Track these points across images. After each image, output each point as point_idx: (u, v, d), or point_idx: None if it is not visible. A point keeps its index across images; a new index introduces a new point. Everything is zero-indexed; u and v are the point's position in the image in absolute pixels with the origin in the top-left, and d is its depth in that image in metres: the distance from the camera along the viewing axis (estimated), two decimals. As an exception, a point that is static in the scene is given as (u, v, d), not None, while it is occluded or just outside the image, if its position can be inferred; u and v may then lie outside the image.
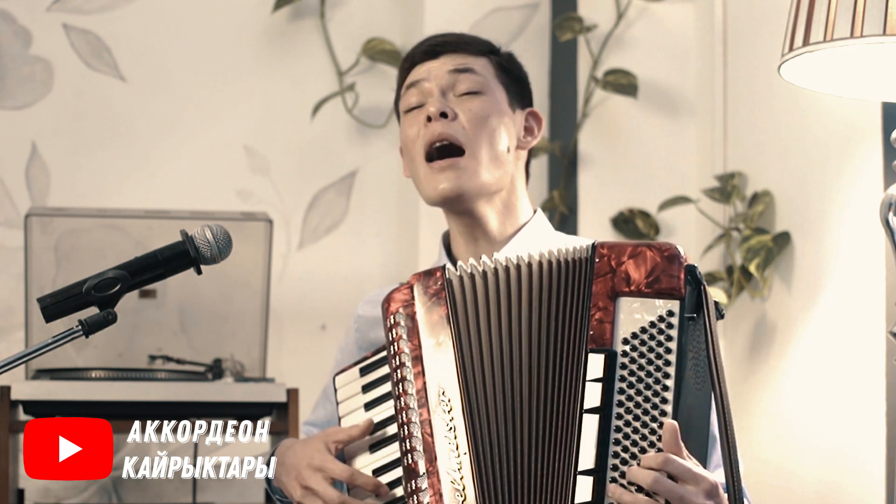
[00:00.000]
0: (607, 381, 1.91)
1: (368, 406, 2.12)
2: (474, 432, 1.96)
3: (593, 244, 1.99)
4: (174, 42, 3.73)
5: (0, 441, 3.08)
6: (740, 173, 3.30)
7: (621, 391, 1.91)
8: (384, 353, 2.09)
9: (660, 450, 1.88)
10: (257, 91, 3.75)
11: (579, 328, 1.96)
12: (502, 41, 3.69)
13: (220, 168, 3.73)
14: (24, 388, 3.10)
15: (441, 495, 1.94)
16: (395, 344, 2.05)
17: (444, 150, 2.31)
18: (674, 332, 1.92)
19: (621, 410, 1.90)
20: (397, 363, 2.03)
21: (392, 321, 2.06)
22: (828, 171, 2.95)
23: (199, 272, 1.95)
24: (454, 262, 2.36)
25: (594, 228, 3.52)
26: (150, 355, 3.30)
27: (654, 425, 1.89)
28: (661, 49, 3.60)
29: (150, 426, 3.27)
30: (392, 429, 2.05)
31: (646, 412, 1.90)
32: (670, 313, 1.92)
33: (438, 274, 2.06)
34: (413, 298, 2.06)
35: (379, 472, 2.06)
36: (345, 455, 2.11)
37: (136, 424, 3.21)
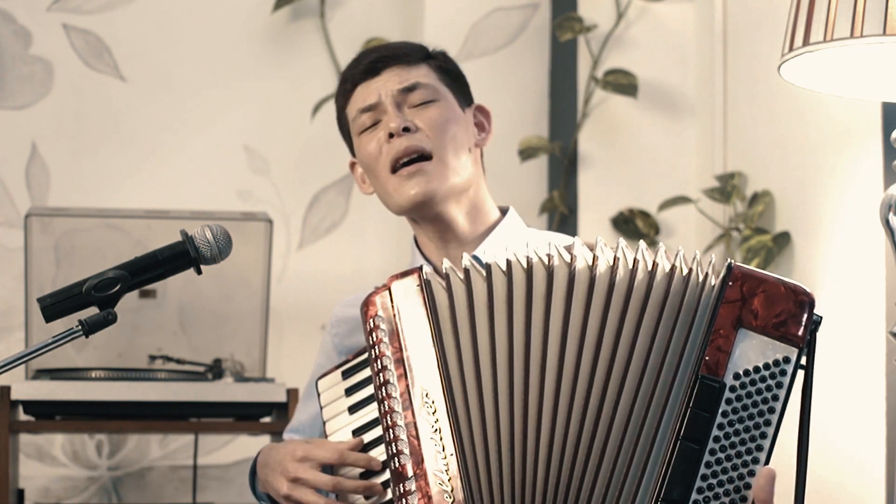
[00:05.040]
0: (712, 412, 1.87)
1: (352, 409, 2.11)
2: (459, 433, 1.94)
3: (729, 265, 1.93)
4: (174, 42, 3.73)
5: (0, 441, 3.08)
6: (740, 173, 3.30)
7: (720, 426, 1.86)
8: (366, 356, 2.08)
9: (743, 498, 1.85)
10: (257, 91, 3.75)
11: (693, 349, 1.90)
12: (502, 41, 3.74)
13: (220, 168, 3.73)
14: (24, 388, 3.11)
15: (430, 497, 1.92)
16: (377, 347, 2.03)
17: (410, 159, 2.33)
18: (785, 380, 1.87)
19: (715, 446, 1.86)
20: (379, 367, 2.01)
21: (372, 324, 2.04)
22: (828, 171, 2.95)
23: (199, 272, 1.95)
24: (431, 264, 2.37)
25: (594, 228, 3.52)
26: (150, 355, 3.30)
27: (744, 470, 1.86)
28: (661, 49, 3.60)
29: (150, 426, 3.28)
30: (377, 431, 2.04)
31: (739, 454, 1.86)
32: (786, 360, 1.88)
33: (416, 274, 2.04)
34: (392, 301, 2.04)
35: (366, 476, 2.06)
36: (333, 468, 2.10)
37: (136, 424, 3.24)
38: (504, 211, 2.44)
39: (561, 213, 3.59)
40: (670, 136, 3.59)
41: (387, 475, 2.01)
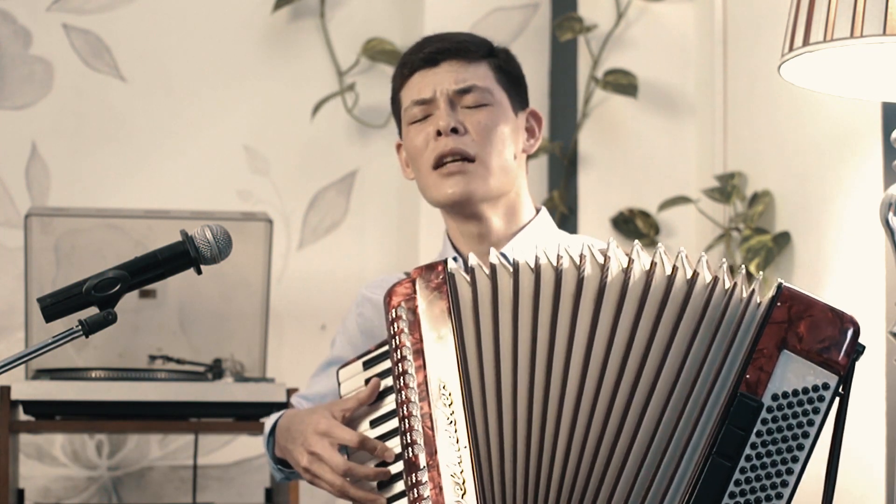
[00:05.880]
0: (747, 431, 1.86)
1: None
2: (474, 426, 1.95)
3: (779, 285, 1.93)
4: (174, 42, 3.73)
5: (0, 441, 3.08)
6: (740, 173, 3.30)
7: (753, 446, 1.86)
8: (387, 347, 2.09)
9: None
10: (257, 91, 3.75)
11: (733, 366, 1.90)
12: (502, 41, 3.71)
13: (220, 168, 3.73)
14: (24, 388, 3.10)
15: (441, 489, 1.93)
16: (397, 338, 2.04)
17: (454, 159, 2.34)
18: (822, 405, 1.87)
19: (746, 465, 1.86)
20: (398, 357, 2.03)
21: (394, 315, 2.06)
22: (828, 171, 2.95)
23: (199, 272, 1.95)
24: (461, 256, 2.38)
25: (594, 228, 3.52)
26: (150, 355, 3.30)
27: (772, 492, 1.86)
28: (661, 49, 3.60)
29: (150, 426, 3.28)
30: (395, 422, 2.05)
31: (769, 475, 1.86)
32: (826, 386, 1.88)
33: (440, 268, 2.06)
34: (415, 292, 2.06)
35: (381, 466, 2.07)
36: (348, 449, 2.12)
37: (136, 424, 3.24)
38: (538, 211, 2.45)
39: (561, 213, 3.59)
40: (670, 136, 3.59)
41: (400, 466, 2.02)
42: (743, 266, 2.04)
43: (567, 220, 3.59)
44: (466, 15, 3.68)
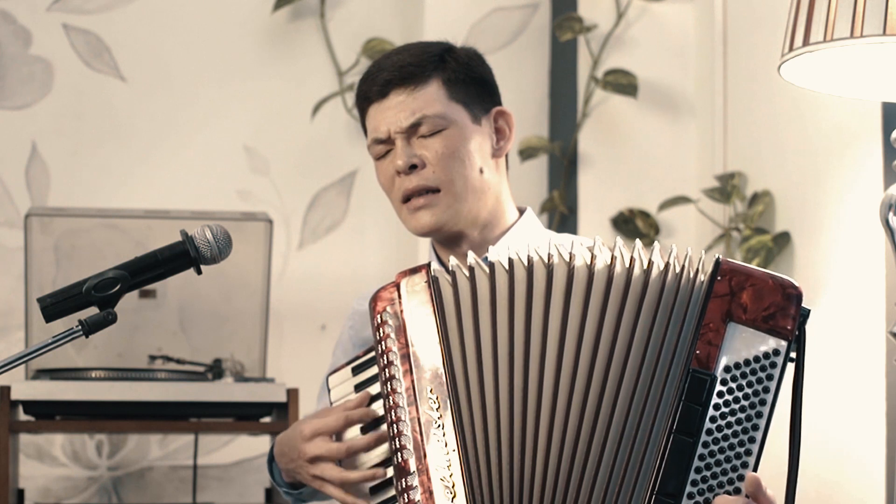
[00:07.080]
0: (704, 405, 1.88)
1: None
2: (462, 429, 1.96)
3: (717, 259, 1.95)
4: (174, 42, 3.73)
5: (0, 441, 3.08)
6: (740, 173, 3.30)
7: (712, 419, 1.88)
8: (374, 353, 2.10)
9: (737, 490, 1.87)
10: (257, 91, 3.75)
11: (684, 344, 1.92)
12: (502, 41, 3.74)
13: (220, 168, 3.73)
14: (24, 388, 3.10)
15: (431, 493, 1.94)
16: (383, 343, 2.05)
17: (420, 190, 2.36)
18: (775, 372, 1.89)
19: (708, 439, 1.88)
20: (385, 362, 2.04)
21: (379, 320, 2.06)
22: (828, 172, 2.95)
23: (199, 272, 1.95)
24: (443, 263, 2.39)
25: (594, 228, 3.52)
26: (150, 355, 3.30)
27: (737, 462, 1.88)
28: (661, 49, 3.60)
29: (150, 426, 3.28)
30: (384, 427, 2.05)
31: (732, 446, 1.88)
32: (776, 352, 1.90)
33: (424, 271, 2.07)
34: (399, 296, 2.06)
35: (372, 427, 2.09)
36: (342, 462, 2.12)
37: (136, 424, 3.24)
38: (523, 212, 2.46)
39: (561, 213, 3.59)
40: (670, 136, 3.59)
41: (390, 472, 2.02)
42: (689, 249, 2.05)
43: (567, 220, 3.59)
44: (466, 15, 3.68)
